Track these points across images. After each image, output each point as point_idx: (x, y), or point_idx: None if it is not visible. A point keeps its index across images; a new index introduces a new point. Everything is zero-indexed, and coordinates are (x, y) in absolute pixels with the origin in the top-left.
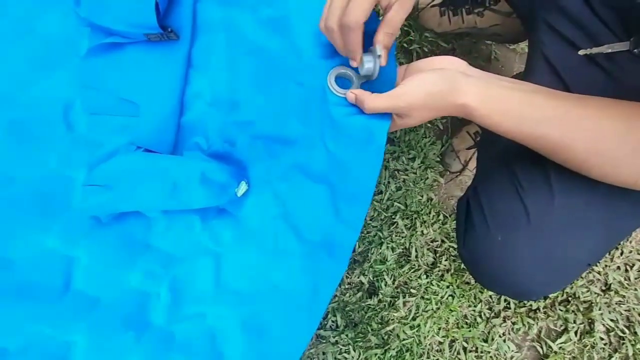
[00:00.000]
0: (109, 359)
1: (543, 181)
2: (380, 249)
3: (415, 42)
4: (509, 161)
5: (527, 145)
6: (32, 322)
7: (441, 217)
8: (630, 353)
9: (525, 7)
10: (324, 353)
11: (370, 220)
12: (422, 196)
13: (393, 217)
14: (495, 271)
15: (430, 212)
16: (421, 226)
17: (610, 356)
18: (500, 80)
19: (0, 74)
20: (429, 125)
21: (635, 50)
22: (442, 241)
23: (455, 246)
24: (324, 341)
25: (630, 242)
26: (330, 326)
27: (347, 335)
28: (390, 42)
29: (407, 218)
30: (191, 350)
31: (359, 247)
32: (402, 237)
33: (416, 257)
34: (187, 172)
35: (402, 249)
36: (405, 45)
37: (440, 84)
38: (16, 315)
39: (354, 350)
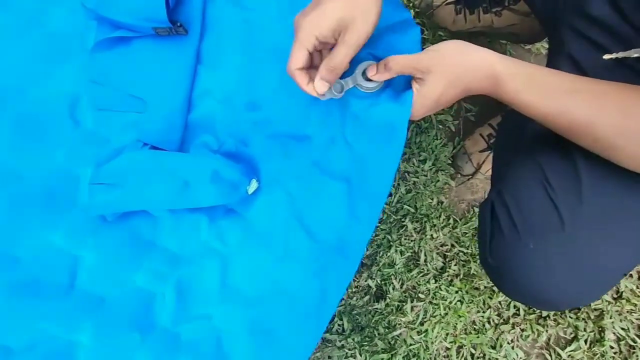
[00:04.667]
0: (114, 359)
1: (573, 180)
2: (389, 252)
3: (428, 41)
4: (535, 158)
5: (549, 125)
6: (37, 320)
7: (451, 221)
8: None
9: (547, 10)
10: (329, 357)
11: (380, 223)
12: (432, 199)
13: (402, 220)
14: (525, 281)
15: (440, 216)
16: (431, 230)
17: None
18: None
19: (7, 68)
20: (440, 126)
21: None
22: (452, 245)
23: (466, 251)
24: (330, 345)
25: None
26: (337, 330)
27: (353, 340)
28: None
29: (416, 221)
30: (197, 352)
31: (367, 250)
32: (411, 241)
33: (425, 261)
34: (198, 170)
35: (411, 252)
36: None
37: (462, 44)
38: (21, 313)
39: (360, 355)
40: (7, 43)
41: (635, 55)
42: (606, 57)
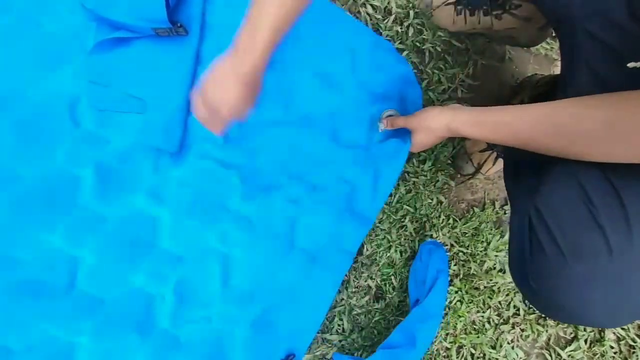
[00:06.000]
0: None
1: (616, 202)
2: (389, 252)
3: (428, 41)
4: (573, 174)
5: (514, 145)
6: (36, 321)
7: (451, 220)
8: None
9: (559, 13)
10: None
11: (379, 223)
12: (432, 199)
13: (402, 220)
14: (571, 305)
15: (440, 216)
16: (430, 230)
17: None
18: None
19: (7, 70)
20: None
21: None
22: (452, 245)
23: (465, 251)
24: (330, 345)
25: None
26: (337, 330)
27: (353, 339)
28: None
29: (416, 221)
30: (196, 353)
31: (367, 250)
32: (411, 241)
33: None
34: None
35: (411, 252)
36: (418, 44)
37: (434, 112)
38: (21, 314)
39: (361, 355)
40: (6, 45)
41: None
42: (630, 65)
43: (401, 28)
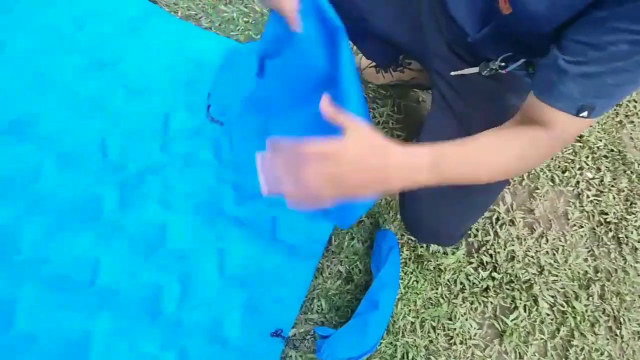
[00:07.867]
0: (126, 343)
1: None
2: (352, 242)
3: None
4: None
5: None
6: (60, 311)
7: (398, 216)
8: (573, 325)
9: (421, 62)
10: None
11: None
12: (381, 200)
13: (360, 216)
14: (416, 225)
15: (389, 212)
16: (383, 224)
17: (557, 330)
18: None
19: (51, 120)
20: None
21: (483, 72)
22: (402, 235)
23: (413, 238)
24: (312, 323)
25: (552, 230)
26: (317, 310)
27: (331, 317)
28: None
29: (372, 217)
30: (198, 333)
31: (335, 240)
32: (370, 232)
33: None
34: None
35: (370, 241)
36: None
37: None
38: (48, 305)
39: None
40: (52, 104)
41: (466, 72)
42: (453, 73)
43: None
